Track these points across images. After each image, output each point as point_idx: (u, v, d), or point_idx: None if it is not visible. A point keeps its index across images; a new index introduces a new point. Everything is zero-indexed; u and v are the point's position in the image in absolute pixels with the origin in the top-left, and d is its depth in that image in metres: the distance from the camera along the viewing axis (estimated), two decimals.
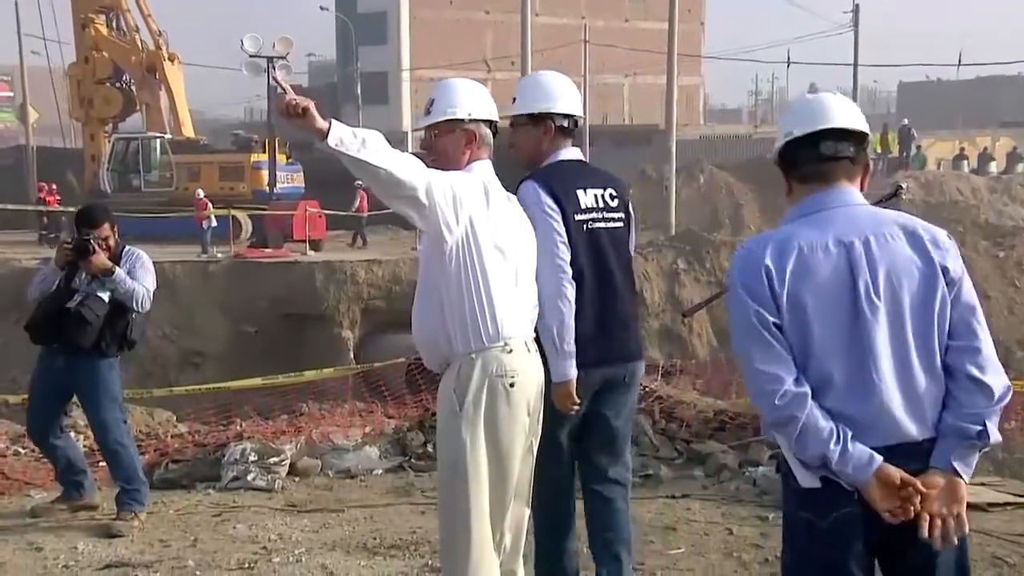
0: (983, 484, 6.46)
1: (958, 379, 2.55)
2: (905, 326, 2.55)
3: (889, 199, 4.42)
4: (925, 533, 2.48)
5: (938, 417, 2.55)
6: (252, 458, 6.54)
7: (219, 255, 22.65)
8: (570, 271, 3.81)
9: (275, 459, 6.57)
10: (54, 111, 35.67)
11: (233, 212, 24.58)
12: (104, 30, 30.06)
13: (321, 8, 52.28)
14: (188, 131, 30.04)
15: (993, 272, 27.78)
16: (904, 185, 5.03)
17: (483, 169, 3.53)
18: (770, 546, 5.25)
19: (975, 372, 2.54)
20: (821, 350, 2.54)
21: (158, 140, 28.53)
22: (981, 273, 27.64)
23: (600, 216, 3.99)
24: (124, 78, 30.41)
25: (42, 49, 35.00)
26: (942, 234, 2.62)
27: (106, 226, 5.60)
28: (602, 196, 4.02)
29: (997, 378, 2.55)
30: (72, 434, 6.39)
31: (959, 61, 57.27)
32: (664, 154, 28.58)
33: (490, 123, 3.58)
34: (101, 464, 6.13)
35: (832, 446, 2.48)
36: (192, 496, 6.29)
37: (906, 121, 38.51)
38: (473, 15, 56.27)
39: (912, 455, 2.51)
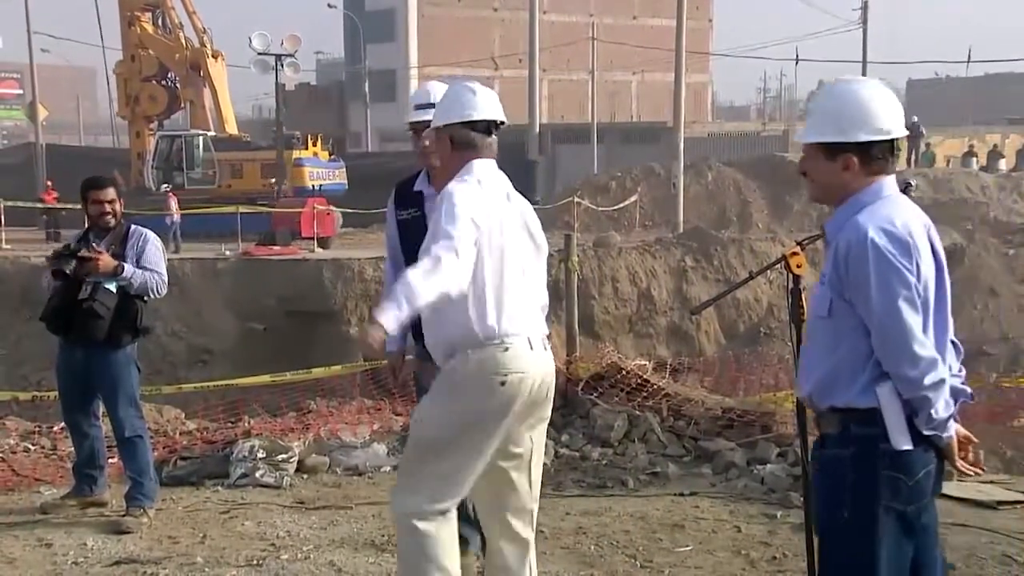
0: (992, 482, 6.46)
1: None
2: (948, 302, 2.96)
3: None
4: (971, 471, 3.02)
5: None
6: (260, 455, 6.56)
7: (228, 253, 22.69)
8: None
9: (283, 456, 6.59)
10: (62, 109, 35.83)
11: (259, 209, 24.68)
12: (150, 28, 30.18)
13: (329, 6, 52.30)
14: (231, 128, 30.13)
15: (1002, 270, 27.69)
16: (913, 182, 4.99)
17: (482, 169, 3.66)
18: (777, 544, 5.25)
19: (954, 336, 2.99)
20: (934, 326, 2.87)
21: (201, 137, 28.62)
22: (990, 271, 27.56)
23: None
24: (169, 75, 30.51)
25: (50, 46, 35.13)
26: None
27: (111, 190, 5.63)
28: None
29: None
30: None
31: (968, 58, 57.20)
32: (672, 151, 28.53)
33: (469, 124, 3.68)
34: (112, 460, 6.15)
35: (954, 407, 2.86)
36: (201, 493, 6.31)
37: (915, 119, 38.38)
38: (481, 12, 56.25)
39: None
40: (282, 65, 27.37)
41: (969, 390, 2.98)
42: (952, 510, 5.80)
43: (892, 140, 2.94)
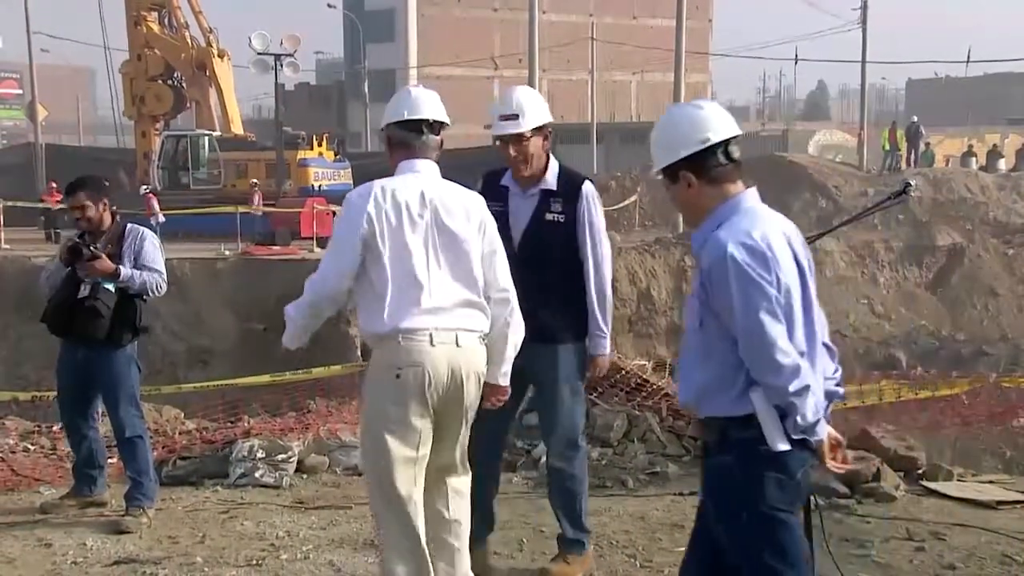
0: (991, 482, 6.46)
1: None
2: (816, 305, 3.01)
3: (898, 196, 4.39)
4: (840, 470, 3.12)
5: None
6: (260, 455, 6.55)
7: (227, 253, 22.69)
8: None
9: (283, 456, 6.58)
10: (62, 109, 35.84)
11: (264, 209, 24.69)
12: (156, 27, 30.20)
13: (329, 6, 52.30)
14: (237, 128, 30.13)
15: (1002, 270, 27.69)
16: (912, 183, 5.00)
17: (403, 169, 3.90)
18: None
19: (828, 340, 3.08)
20: (798, 332, 2.93)
21: (206, 137, 28.62)
22: (990, 271, 27.56)
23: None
24: (175, 75, 30.49)
25: (49, 46, 35.15)
26: None
27: (81, 195, 5.60)
28: None
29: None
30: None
31: (968, 58, 57.18)
32: None
33: (404, 123, 3.90)
34: (112, 460, 6.15)
35: (822, 410, 2.94)
36: (200, 493, 6.30)
37: (915, 119, 38.38)
38: (481, 12, 56.28)
39: None
40: (281, 65, 27.37)
41: (842, 391, 3.11)
42: (952, 510, 5.80)
43: (723, 147, 3.02)
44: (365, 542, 5.31)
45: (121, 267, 5.51)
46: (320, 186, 27.32)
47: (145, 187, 25.38)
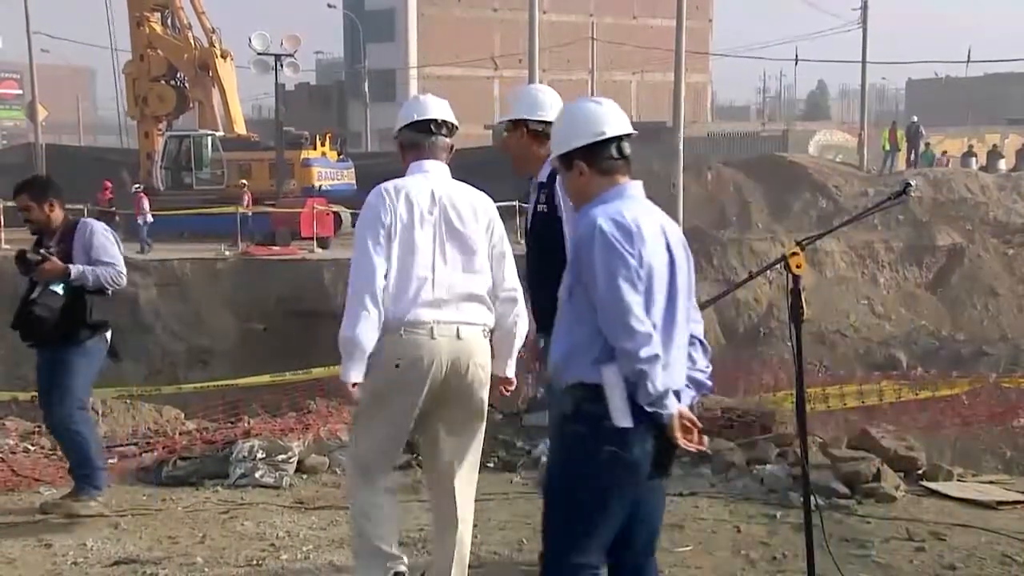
0: (992, 482, 6.46)
1: (693, 342, 3.31)
2: (687, 299, 3.27)
3: (897, 197, 4.39)
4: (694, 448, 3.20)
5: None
6: (260, 455, 6.55)
7: (228, 253, 22.71)
8: None
9: (283, 456, 6.58)
10: (61, 109, 35.81)
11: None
12: (159, 28, 30.17)
13: (329, 6, 52.31)
14: (240, 128, 30.12)
15: (1002, 270, 27.70)
16: (912, 183, 4.99)
17: (414, 169, 4.07)
18: (777, 544, 5.25)
19: (702, 337, 3.34)
20: (656, 311, 3.14)
21: (209, 137, 28.62)
22: (990, 271, 27.56)
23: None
24: (178, 76, 30.49)
25: (50, 46, 35.13)
26: None
27: (24, 196, 5.61)
28: None
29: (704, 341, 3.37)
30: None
31: (968, 58, 57.10)
32: (672, 151, 28.48)
33: (414, 125, 4.08)
34: (111, 461, 6.16)
35: (674, 385, 3.13)
36: (200, 493, 6.30)
37: (915, 119, 38.37)
38: (481, 12, 56.26)
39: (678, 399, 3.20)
40: (282, 65, 27.38)
41: (711, 384, 3.35)
42: (952, 510, 5.80)
43: (616, 143, 3.25)
44: None
45: (71, 266, 5.47)
46: (324, 186, 27.31)
47: (137, 186, 25.36)
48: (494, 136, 36.83)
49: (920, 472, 6.37)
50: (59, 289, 5.47)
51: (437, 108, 4.12)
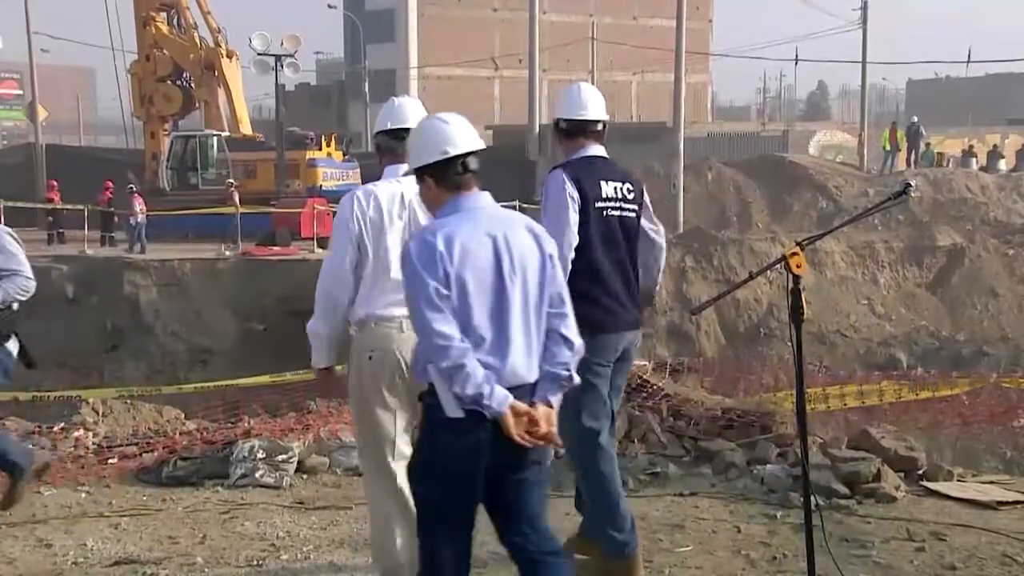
0: (992, 482, 6.46)
1: (552, 337, 3.46)
2: (529, 299, 3.42)
3: (897, 197, 4.39)
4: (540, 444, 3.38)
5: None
6: (260, 455, 6.56)
7: (228, 253, 22.71)
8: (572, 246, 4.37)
9: (283, 456, 6.59)
10: (61, 109, 35.77)
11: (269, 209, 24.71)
12: (165, 28, 30.12)
13: (329, 6, 52.33)
14: (246, 128, 30.09)
15: (1003, 270, 27.66)
16: (912, 183, 5.00)
17: (388, 174, 4.31)
18: (777, 544, 5.26)
19: (564, 331, 3.47)
20: (478, 317, 3.34)
21: (215, 138, 28.59)
22: (990, 271, 27.54)
23: (617, 206, 4.62)
24: (183, 76, 30.46)
25: (50, 46, 35.09)
26: (544, 230, 3.56)
27: None
28: (620, 189, 4.66)
29: (576, 336, 3.49)
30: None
31: (968, 58, 57.08)
32: (672, 152, 28.56)
33: (391, 132, 4.28)
34: (111, 461, 6.15)
35: (485, 387, 3.27)
36: (201, 493, 6.31)
37: (915, 119, 38.37)
38: (481, 12, 56.25)
39: (527, 393, 3.39)
40: (282, 65, 27.36)
41: (567, 375, 3.44)
42: (952, 510, 5.80)
43: (461, 160, 3.42)
44: (366, 542, 5.30)
45: None
46: (329, 186, 27.29)
47: (130, 187, 25.34)
48: (494, 136, 36.85)
49: (920, 472, 6.37)
50: None
51: (410, 113, 4.30)
